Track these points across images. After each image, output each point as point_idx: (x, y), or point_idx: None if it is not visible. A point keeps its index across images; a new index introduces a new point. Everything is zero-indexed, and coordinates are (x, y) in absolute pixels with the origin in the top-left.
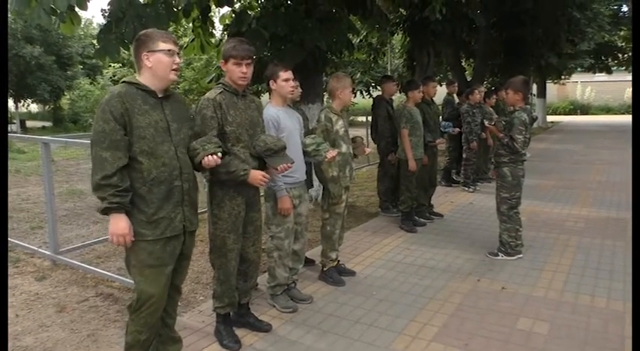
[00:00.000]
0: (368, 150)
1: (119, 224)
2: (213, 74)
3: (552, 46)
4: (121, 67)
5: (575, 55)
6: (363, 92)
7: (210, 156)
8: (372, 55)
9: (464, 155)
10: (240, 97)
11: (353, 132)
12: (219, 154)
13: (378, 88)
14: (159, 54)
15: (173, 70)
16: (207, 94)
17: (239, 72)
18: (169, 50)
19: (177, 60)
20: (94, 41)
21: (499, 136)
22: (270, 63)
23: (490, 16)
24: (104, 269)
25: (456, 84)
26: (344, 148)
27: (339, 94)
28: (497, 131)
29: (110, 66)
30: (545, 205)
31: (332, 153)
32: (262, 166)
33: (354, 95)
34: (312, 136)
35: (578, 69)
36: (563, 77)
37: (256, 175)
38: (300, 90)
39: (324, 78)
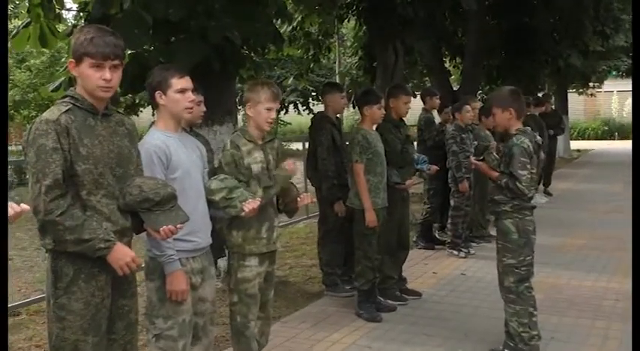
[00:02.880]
0: (307, 200)
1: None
2: (62, 78)
3: (574, 41)
4: None
5: (608, 53)
6: (299, 105)
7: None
8: (312, 50)
9: (451, 202)
10: (99, 117)
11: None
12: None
13: (321, 99)
14: None
15: None
16: (46, 115)
17: (99, 79)
18: None
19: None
20: None
21: (493, 177)
22: (156, 64)
23: None
24: None
25: (438, 96)
26: (260, 194)
27: (248, 109)
28: (489, 169)
29: None
30: (571, 276)
31: (252, 203)
32: (140, 224)
33: (284, 110)
34: (222, 177)
35: (613, 73)
36: (591, 85)
37: (123, 255)
38: (203, 107)
39: (239, 85)
